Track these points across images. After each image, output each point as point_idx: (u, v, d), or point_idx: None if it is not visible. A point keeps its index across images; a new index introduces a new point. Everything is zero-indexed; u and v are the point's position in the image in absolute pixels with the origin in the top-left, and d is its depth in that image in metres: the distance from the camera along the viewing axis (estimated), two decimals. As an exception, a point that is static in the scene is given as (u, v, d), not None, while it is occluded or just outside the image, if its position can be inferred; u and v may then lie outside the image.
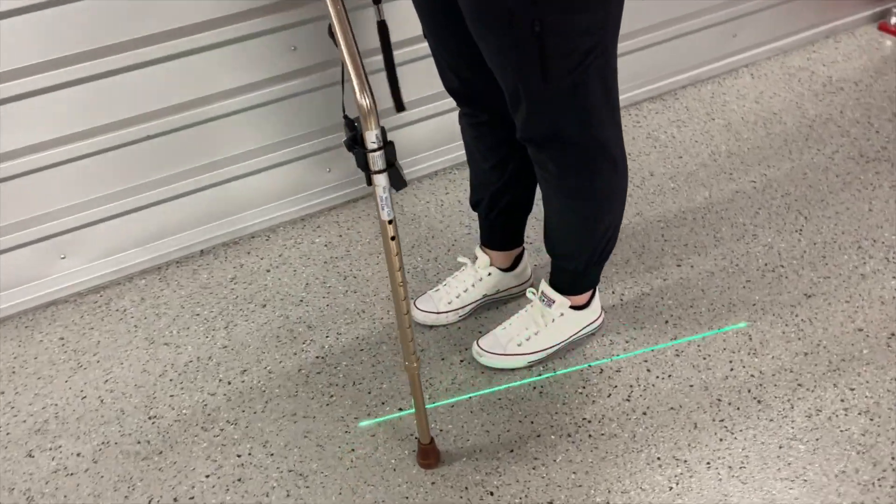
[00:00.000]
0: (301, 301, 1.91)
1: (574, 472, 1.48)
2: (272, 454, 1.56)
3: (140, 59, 1.75)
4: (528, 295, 1.72)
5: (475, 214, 2.10)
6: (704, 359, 1.66)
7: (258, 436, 1.60)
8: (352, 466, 1.53)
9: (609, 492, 1.44)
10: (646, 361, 1.67)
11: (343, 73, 1.18)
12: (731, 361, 1.65)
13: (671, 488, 1.44)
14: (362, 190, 2.21)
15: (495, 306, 1.83)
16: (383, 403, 1.64)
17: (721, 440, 1.51)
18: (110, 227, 1.95)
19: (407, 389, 1.66)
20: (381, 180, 1.18)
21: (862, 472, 1.42)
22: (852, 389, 1.57)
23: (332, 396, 1.67)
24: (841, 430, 1.50)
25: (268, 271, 2.01)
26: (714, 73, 2.56)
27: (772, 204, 2.03)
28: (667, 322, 1.75)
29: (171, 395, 1.70)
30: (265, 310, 1.89)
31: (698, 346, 1.69)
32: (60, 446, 1.61)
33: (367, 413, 1.63)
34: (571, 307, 1.67)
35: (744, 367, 1.63)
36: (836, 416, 1.52)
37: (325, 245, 2.07)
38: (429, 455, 1.51)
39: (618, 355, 1.69)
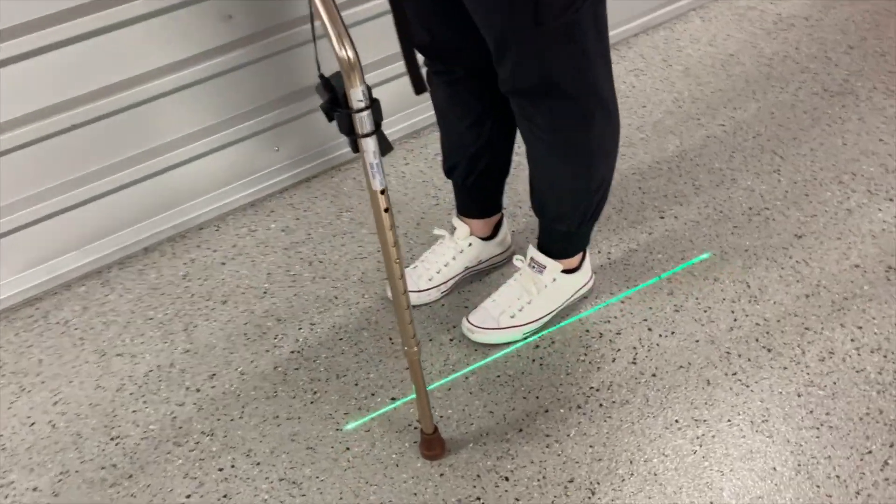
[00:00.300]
0: (265, 293, 1.75)
1: (591, 446, 1.38)
2: (258, 463, 1.41)
3: (54, 39, 1.54)
4: (516, 262, 1.60)
5: (441, 184, 1.98)
6: (705, 311, 1.58)
7: (239, 445, 1.44)
8: (349, 467, 1.39)
9: (631, 462, 1.35)
10: (645, 320, 1.59)
11: (313, 26, 1.03)
12: (732, 312, 1.58)
13: (695, 451, 1.35)
14: (316, 167, 2.05)
15: (478, 278, 1.71)
16: (373, 395, 1.51)
17: (737, 395, 1.43)
18: (39, 231, 1.74)
19: (398, 377, 1.53)
20: (370, 144, 1.04)
21: (886, 412, 1.37)
22: (860, 328, 1.52)
23: (315, 393, 1.52)
24: (857, 371, 1.44)
25: (223, 264, 1.83)
26: (664, 19, 2.48)
27: (745, 146, 1.97)
28: (660, 277, 1.67)
29: (134, 411, 1.52)
30: (226, 306, 1.72)
31: (696, 298, 1.61)
32: (13, 482, 1.42)
33: (357, 407, 1.49)
34: (563, 271, 1.56)
35: (747, 316, 1.56)
36: (849, 356, 1.47)
37: (283, 230, 1.91)
38: (433, 445, 1.39)
39: (615, 317, 1.60)
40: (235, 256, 1.85)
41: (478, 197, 1.63)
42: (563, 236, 1.52)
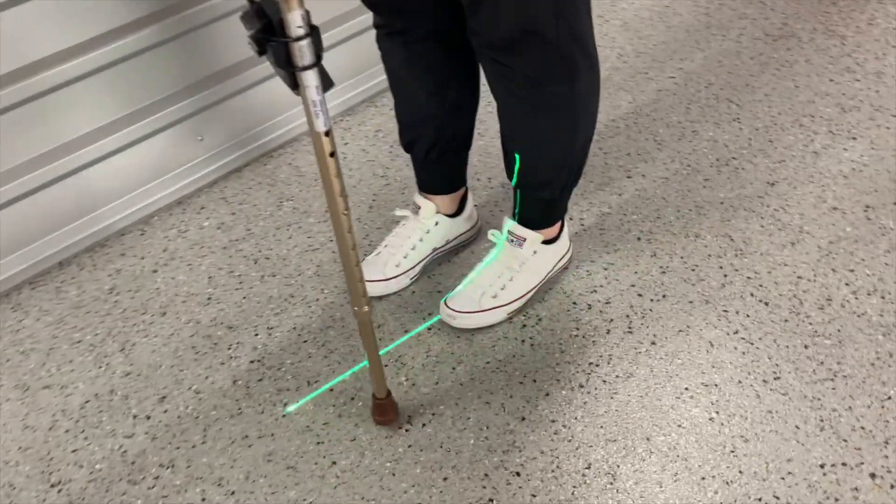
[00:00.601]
0: (209, 299, 1.55)
1: (601, 427, 1.27)
2: (233, 492, 1.23)
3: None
4: (492, 238, 1.47)
5: (388, 162, 1.82)
6: (693, 270, 1.50)
7: (207, 474, 1.26)
8: (339, 483, 1.23)
9: (648, 439, 1.24)
10: (633, 286, 1.49)
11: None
12: (721, 268, 1.50)
13: (712, 418, 1.26)
14: (245, 155, 1.85)
15: (447, 259, 1.57)
16: (353, 399, 1.35)
17: (744, 354, 1.35)
18: (-69, 255, 1.49)
19: (386, 380, 1.37)
20: (312, 78, 0.92)
21: (896, 355, 1.32)
22: (851, 271, 1.46)
23: (286, 405, 1.35)
24: (858, 316, 1.39)
25: (154, 272, 1.62)
26: (591, -25, 2.39)
27: (699, 97, 1.90)
28: (639, 239, 1.57)
29: (74, 451, 1.31)
30: (166, 318, 1.52)
31: (681, 258, 1.52)
32: (-64, 554, 1.19)
33: (338, 415, 1.33)
34: (543, 242, 1.44)
35: (736, 270, 1.49)
36: (848, 301, 1.41)
37: (218, 228, 1.71)
38: (387, 410, 1.28)
39: (601, 286, 1.49)
40: (168, 262, 1.64)
41: (443, 171, 1.49)
42: (544, 205, 1.40)
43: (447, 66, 1.32)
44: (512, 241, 1.43)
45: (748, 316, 1.40)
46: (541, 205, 1.40)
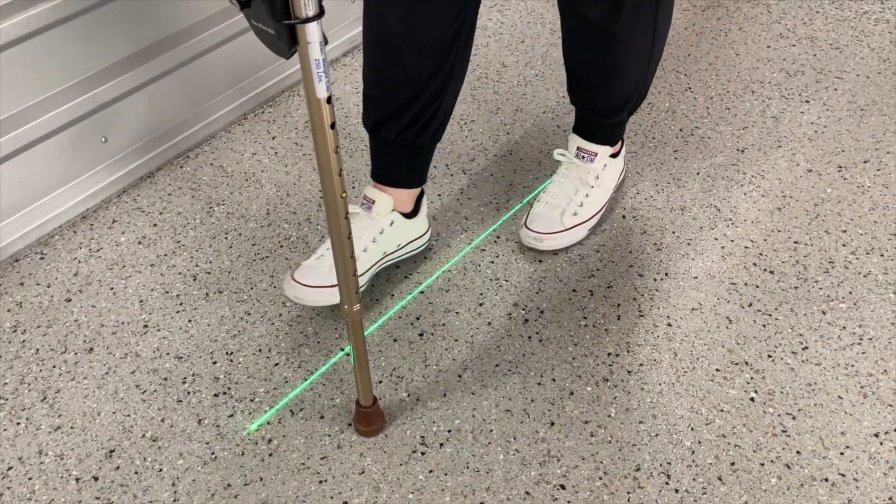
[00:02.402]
0: (146, 327, 1.29)
1: (640, 422, 1.14)
2: (226, 558, 1.00)
3: None
4: (558, 157, 1.42)
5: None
6: (689, 244, 1.40)
7: (188, 540, 1.01)
8: (357, 527, 1.03)
9: (692, 429, 1.13)
10: (631, 266, 1.37)
11: None
12: (716, 239, 1.41)
13: (752, 399, 1.16)
14: (158, 157, 1.58)
15: (389, 294, 1.33)
16: (350, 425, 1.14)
17: (764, 326, 1.26)
18: None
19: (385, 398, 1.17)
20: (315, 32, 0.77)
21: (914, 311, 1.28)
22: (844, 231, 1.42)
23: (270, 441, 1.12)
24: (864, 276, 1.34)
25: (68, 301, 1.33)
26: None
27: (645, 69, 1.82)
28: (624, 217, 1.46)
29: (2, 533, 1.03)
30: (95, 355, 1.24)
31: (674, 234, 1.43)
32: None
33: (336, 445, 1.12)
34: (611, 155, 1.43)
35: (732, 241, 1.41)
36: (849, 262, 1.36)
37: (139, 243, 1.44)
38: (373, 419, 1.12)
39: (598, 269, 1.37)
40: (83, 288, 1.35)
41: (412, 157, 1.30)
42: (613, 126, 1.38)
43: (454, 21, 1.14)
44: (583, 157, 1.39)
45: (757, 287, 1.32)
46: (608, 127, 1.37)
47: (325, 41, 0.79)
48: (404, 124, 1.23)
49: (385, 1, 1.13)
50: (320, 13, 0.76)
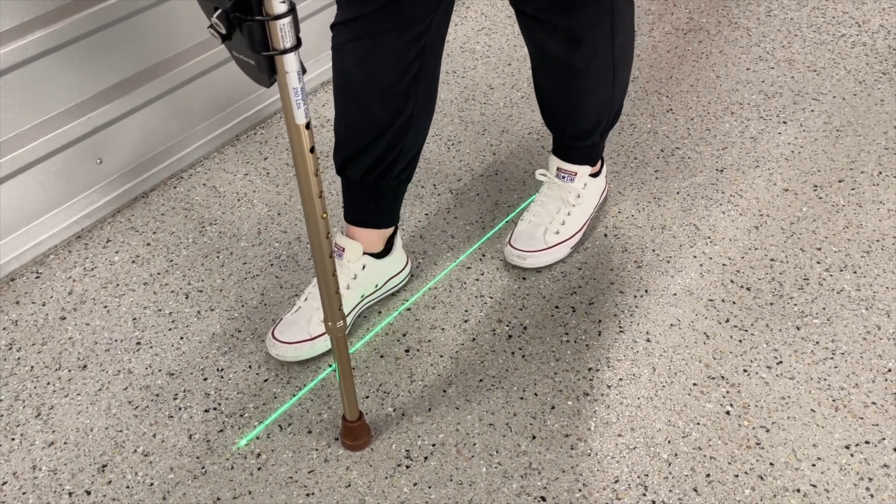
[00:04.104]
0: (139, 344, 1.32)
1: (619, 435, 1.17)
2: (215, 569, 1.03)
3: None
4: (539, 176, 1.46)
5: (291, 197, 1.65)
6: (668, 262, 1.44)
7: (178, 552, 1.04)
8: (343, 539, 1.06)
9: (669, 441, 1.16)
10: (612, 283, 1.41)
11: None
12: (695, 257, 1.45)
13: (728, 412, 1.20)
14: (152, 178, 1.62)
15: (377, 311, 1.37)
16: (336, 440, 1.17)
17: (740, 342, 1.30)
18: None
19: (372, 413, 1.20)
20: (293, 63, 0.82)
21: (884, 328, 1.31)
22: (819, 249, 1.46)
23: (259, 456, 1.16)
24: (837, 292, 1.38)
25: (63, 319, 1.37)
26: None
27: (628, 91, 1.87)
28: (605, 235, 1.50)
29: (-3, 547, 1.05)
30: (88, 372, 1.28)
31: (654, 251, 1.47)
32: None
33: (323, 459, 1.15)
34: (591, 175, 1.48)
35: (710, 259, 1.45)
36: (824, 279, 1.40)
37: (133, 262, 1.47)
38: (359, 434, 1.15)
39: (580, 287, 1.41)
40: (78, 306, 1.39)
41: (378, 199, 1.29)
42: (588, 148, 1.42)
43: (417, 49, 1.18)
44: (563, 176, 1.43)
45: (734, 303, 1.36)
46: (584, 149, 1.42)
47: (304, 70, 0.84)
48: (368, 165, 1.24)
49: (345, 46, 1.18)
50: (297, 44, 0.81)
